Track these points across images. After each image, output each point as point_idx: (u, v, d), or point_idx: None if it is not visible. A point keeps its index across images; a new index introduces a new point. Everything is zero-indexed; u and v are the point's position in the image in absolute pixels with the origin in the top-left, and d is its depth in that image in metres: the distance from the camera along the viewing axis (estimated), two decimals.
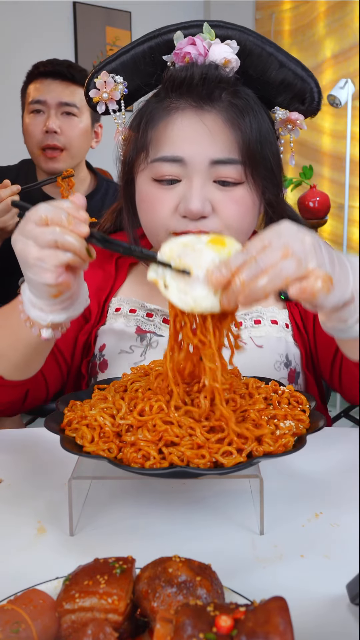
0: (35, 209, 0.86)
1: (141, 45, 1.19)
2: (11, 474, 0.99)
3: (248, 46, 1.16)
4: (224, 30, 1.16)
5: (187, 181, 1.12)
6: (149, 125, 1.15)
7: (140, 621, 0.63)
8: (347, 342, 0.98)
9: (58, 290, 0.88)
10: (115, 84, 1.20)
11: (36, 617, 0.59)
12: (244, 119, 1.13)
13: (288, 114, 1.21)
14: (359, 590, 0.66)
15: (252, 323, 1.23)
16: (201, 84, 1.11)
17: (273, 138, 1.19)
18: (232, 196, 1.12)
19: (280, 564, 0.77)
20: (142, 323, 1.24)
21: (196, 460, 0.78)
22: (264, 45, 1.17)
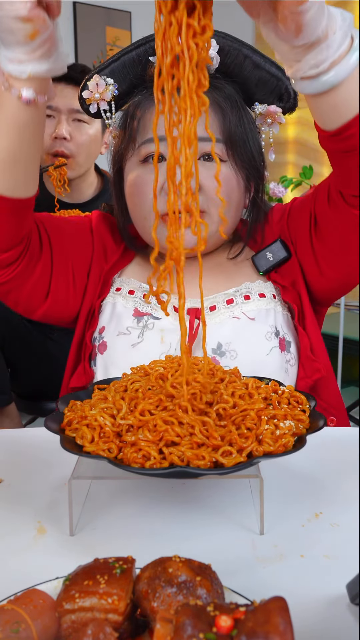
0: None
1: (130, 52, 1.26)
2: (11, 474, 0.99)
3: (226, 48, 1.24)
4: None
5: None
6: (136, 114, 1.24)
7: (140, 621, 0.63)
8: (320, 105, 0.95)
9: (33, 27, 0.87)
10: (106, 86, 1.27)
11: (36, 617, 0.59)
12: (226, 101, 1.21)
13: (267, 107, 1.29)
14: (359, 590, 0.66)
15: (243, 299, 1.27)
16: None
17: (253, 126, 1.28)
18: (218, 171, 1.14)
19: (280, 564, 0.77)
20: (139, 305, 1.27)
21: (196, 461, 0.78)
22: (241, 47, 1.25)
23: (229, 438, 0.81)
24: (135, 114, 1.25)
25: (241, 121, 1.24)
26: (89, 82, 1.28)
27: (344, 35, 0.87)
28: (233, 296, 1.28)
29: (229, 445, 0.81)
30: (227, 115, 1.22)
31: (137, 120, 1.24)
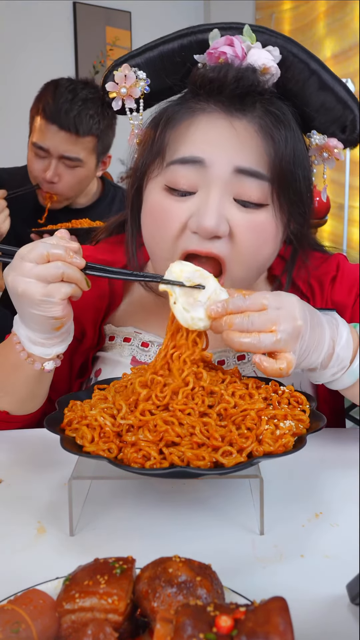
0: (31, 247, 0.89)
1: (171, 42, 1.06)
2: (11, 474, 0.99)
3: (290, 58, 1.04)
4: (266, 37, 1.04)
5: (203, 193, 0.99)
6: (169, 126, 1.02)
7: (140, 621, 0.63)
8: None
9: (61, 322, 0.93)
10: (137, 80, 1.07)
11: (36, 617, 0.59)
12: (279, 130, 1.00)
13: (326, 139, 1.08)
14: (359, 590, 0.66)
15: None
16: (234, 86, 0.98)
17: (307, 162, 1.06)
18: (253, 220, 1.00)
19: (280, 564, 0.77)
20: (137, 353, 1.17)
21: (196, 461, 0.78)
22: (309, 61, 1.04)
23: (229, 438, 0.81)
24: (168, 126, 1.02)
25: (294, 154, 1.02)
26: (115, 71, 1.07)
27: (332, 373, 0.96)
28: (245, 352, 1.11)
29: (229, 445, 0.81)
30: (279, 147, 0.99)
31: (169, 135, 1.02)
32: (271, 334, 0.86)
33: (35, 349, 0.97)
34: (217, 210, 0.97)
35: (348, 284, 1.17)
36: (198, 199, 0.99)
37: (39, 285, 0.88)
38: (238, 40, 1.02)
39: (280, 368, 0.86)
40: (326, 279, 1.17)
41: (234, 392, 0.90)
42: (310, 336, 0.91)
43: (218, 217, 0.97)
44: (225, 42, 1.02)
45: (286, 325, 0.87)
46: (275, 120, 1.00)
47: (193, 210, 0.99)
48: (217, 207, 0.97)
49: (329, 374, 0.96)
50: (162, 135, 1.02)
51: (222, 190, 0.98)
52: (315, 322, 0.93)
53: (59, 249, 0.89)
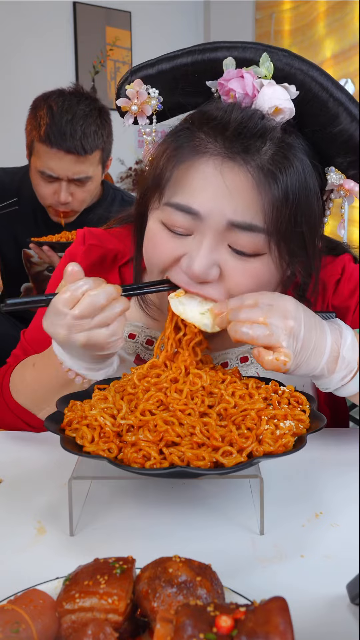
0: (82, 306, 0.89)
1: (184, 57, 1.01)
2: (11, 474, 0.99)
3: (313, 89, 0.96)
4: (287, 62, 0.96)
5: (198, 237, 0.97)
6: (170, 163, 0.98)
7: (140, 621, 0.63)
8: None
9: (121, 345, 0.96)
10: (149, 97, 1.03)
11: (36, 617, 0.59)
12: (279, 183, 0.93)
13: (342, 180, 1.01)
14: (359, 590, 0.66)
15: None
16: (236, 135, 0.93)
17: (316, 205, 1.00)
18: (246, 267, 0.97)
19: (280, 564, 0.77)
20: (141, 351, 1.18)
21: (196, 461, 0.78)
22: (334, 91, 0.96)
23: (229, 438, 0.81)
24: (170, 162, 0.98)
25: (298, 205, 0.95)
26: (128, 85, 1.03)
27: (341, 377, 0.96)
28: (248, 353, 1.15)
29: (229, 445, 0.81)
30: (278, 200, 0.94)
31: (170, 172, 0.98)
32: (263, 325, 0.90)
33: (99, 374, 0.99)
34: (208, 257, 0.96)
35: (350, 287, 1.16)
36: (192, 241, 0.98)
37: (102, 331, 0.90)
38: (250, 75, 0.95)
39: (276, 359, 0.89)
40: (330, 281, 1.16)
41: (234, 392, 0.90)
42: (306, 337, 0.92)
43: (208, 264, 0.96)
44: (237, 75, 0.96)
45: (276, 320, 0.90)
46: (279, 169, 0.94)
47: (187, 250, 0.98)
48: (208, 253, 0.96)
49: (338, 378, 0.96)
50: (164, 168, 0.99)
51: (215, 239, 0.96)
52: (312, 324, 0.93)
53: (109, 292, 0.90)
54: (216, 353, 1.15)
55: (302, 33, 4.86)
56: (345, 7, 4.44)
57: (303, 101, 0.96)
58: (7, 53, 4.19)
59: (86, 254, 1.20)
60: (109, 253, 1.21)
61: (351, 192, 1.02)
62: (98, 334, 0.90)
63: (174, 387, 0.89)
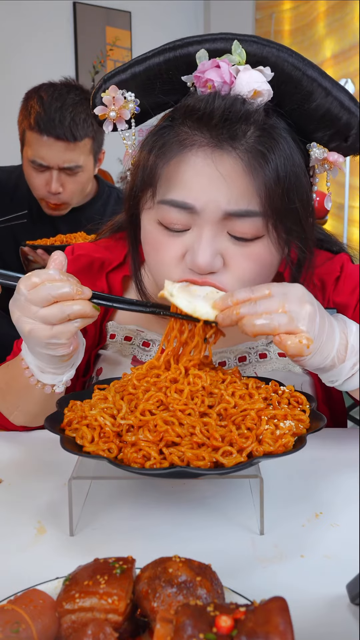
0: (34, 286, 0.88)
1: (156, 57, 1.01)
2: (11, 474, 0.99)
3: (286, 70, 0.98)
4: (257, 47, 0.98)
5: (196, 230, 0.97)
6: (159, 160, 0.98)
7: (140, 621, 0.63)
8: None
9: (70, 355, 0.94)
10: (125, 101, 1.03)
11: (36, 617, 0.59)
12: (269, 163, 0.95)
13: (326, 153, 1.03)
14: (359, 590, 0.66)
15: (258, 357, 1.15)
16: (222, 123, 0.94)
17: (305, 181, 1.01)
18: (247, 252, 0.98)
19: (280, 564, 0.77)
20: (138, 352, 1.17)
21: (196, 461, 0.78)
22: (306, 69, 0.98)
23: (229, 438, 0.81)
24: (159, 159, 0.98)
25: (289, 182, 0.97)
26: (103, 93, 1.03)
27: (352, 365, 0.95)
28: (246, 353, 1.15)
29: (229, 445, 0.81)
30: (269, 178, 0.95)
31: (160, 169, 0.98)
32: (283, 313, 0.87)
33: (45, 377, 0.98)
34: (210, 247, 0.96)
35: (351, 285, 1.16)
36: (191, 236, 0.98)
37: (45, 328, 0.89)
38: (225, 63, 0.96)
39: (300, 341, 0.87)
40: (329, 279, 1.17)
41: (234, 392, 0.90)
42: (321, 323, 0.91)
43: (212, 255, 0.96)
44: (212, 64, 0.97)
45: (294, 306, 0.88)
46: (265, 149, 0.95)
47: (187, 245, 0.98)
48: (210, 244, 0.96)
49: (348, 366, 0.94)
50: (154, 167, 0.99)
51: (214, 230, 0.97)
52: (323, 311, 0.93)
53: (65, 287, 0.88)
54: (214, 352, 1.14)
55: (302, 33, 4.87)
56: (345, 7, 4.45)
57: (278, 82, 0.98)
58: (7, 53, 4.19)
59: (73, 262, 1.21)
60: (96, 261, 1.21)
61: (335, 164, 1.03)
62: (39, 329, 0.89)
63: (174, 387, 0.89)
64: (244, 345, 1.15)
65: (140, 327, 1.19)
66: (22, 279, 0.91)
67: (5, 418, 1.13)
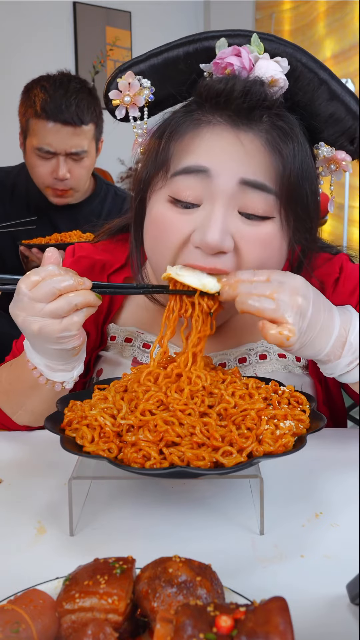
0: (34, 285, 0.88)
1: (176, 49, 1.03)
2: (11, 474, 0.99)
3: (299, 68, 1.01)
4: (275, 45, 1.02)
5: (208, 206, 0.96)
6: (173, 138, 0.99)
7: (140, 621, 0.63)
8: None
9: (80, 347, 0.95)
10: (141, 88, 1.03)
11: (36, 617, 0.59)
12: (287, 144, 0.97)
13: (333, 152, 1.05)
14: (359, 590, 0.66)
15: (258, 358, 1.15)
16: (241, 99, 0.95)
17: (314, 175, 1.03)
18: (258, 233, 0.97)
19: (280, 564, 0.77)
20: (138, 354, 1.16)
21: (196, 461, 0.78)
22: (318, 70, 1.02)
23: (229, 438, 0.81)
24: (172, 138, 0.99)
25: (302, 169, 0.99)
26: (119, 78, 1.04)
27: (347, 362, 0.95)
28: (246, 354, 1.15)
29: (229, 445, 0.81)
30: (286, 161, 0.97)
31: (174, 146, 0.99)
32: (270, 299, 0.89)
33: (56, 375, 0.99)
34: (221, 225, 0.94)
35: (350, 286, 1.16)
36: (202, 212, 0.97)
37: (54, 323, 0.89)
38: (246, 50, 0.99)
39: (280, 332, 0.88)
40: (329, 280, 1.16)
41: (234, 392, 0.90)
42: (314, 317, 0.90)
43: (222, 232, 0.94)
44: (233, 52, 0.99)
45: (284, 296, 0.89)
46: (282, 134, 0.97)
47: (197, 224, 0.97)
48: (221, 221, 0.95)
49: (344, 363, 0.94)
50: (166, 147, 0.99)
51: (226, 204, 0.95)
52: (321, 306, 0.93)
53: (67, 280, 0.89)
54: (215, 353, 1.14)
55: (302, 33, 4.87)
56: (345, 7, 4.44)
57: (290, 79, 1.01)
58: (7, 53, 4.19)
59: (74, 264, 1.21)
60: (97, 263, 1.21)
61: (341, 164, 1.05)
62: (50, 325, 0.89)
63: (174, 387, 0.89)
64: (244, 347, 1.15)
65: (141, 329, 1.19)
66: (21, 279, 0.91)
67: (8, 418, 1.13)
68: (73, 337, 0.91)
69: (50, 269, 0.90)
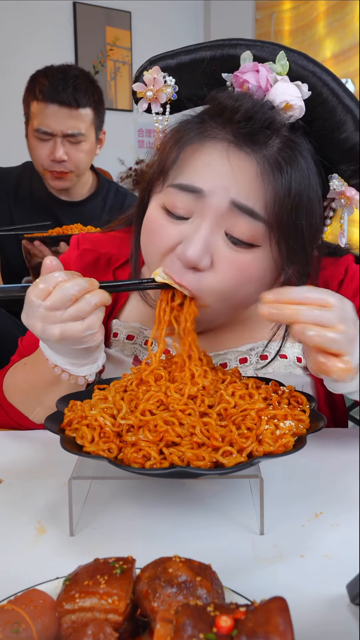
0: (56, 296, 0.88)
1: (204, 51, 1.03)
2: (11, 474, 0.99)
3: (324, 94, 0.98)
4: (303, 64, 0.98)
5: (196, 221, 0.97)
6: (176, 146, 0.99)
7: (140, 621, 0.63)
8: None
9: (102, 341, 0.96)
10: (165, 85, 1.03)
11: (36, 617, 0.59)
12: (284, 175, 0.94)
13: (344, 187, 1.02)
14: (359, 590, 0.66)
15: (258, 359, 1.14)
16: (243, 122, 0.94)
17: (317, 207, 1.00)
18: (239, 258, 0.96)
19: (280, 564, 0.77)
20: (139, 352, 1.17)
21: (196, 461, 0.78)
22: (344, 98, 0.97)
23: (229, 438, 0.81)
24: (176, 146, 0.99)
25: (299, 202, 0.96)
26: (146, 71, 1.04)
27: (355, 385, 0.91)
28: (247, 354, 1.14)
29: (229, 445, 0.81)
30: (279, 193, 0.94)
31: (175, 156, 0.99)
32: (339, 332, 0.84)
33: (81, 370, 0.99)
34: (203, 242, 0.95)
35: (353, 288, 1.15)
36: (190, 226, 0.97)
37: (77, 324, 0.89)
38: (265, 69, 0.97)
39: (341, 368, 0.84)
40: (333, 282, 1.16)
41: (234, 392, 0.90)
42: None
43: (202, 250, 0.95)
44: (253, 68, 0.98)
45: (348, 327, 0.85)
46: (284, 162, 0.95)
47: (183, 235, 0.97)
48: (204, 239, 0.95)
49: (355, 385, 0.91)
50: (170, 153, 1.00)
51: (214, 222, 0.95)
52: None
53: (80, 284, 0.89)
54: (215, 354, 1.14)
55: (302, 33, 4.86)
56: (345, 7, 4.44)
57: (313, 104, 0.98)
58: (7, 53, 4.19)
59: (79, 258, 1.21)
60: (103, 256, 1.21)
61: (351, 201, 1.03)
62: (72, 327, 0.89)
63: (174, 387, 0.89)
64: (245, 347, 1.15)
65: (144, 325, 1.19)
66: (29, 290, 0.90)
67: (23, 417, 1.13)
68: (96, 334, 0.92)
69: (56, 275, 0.90)
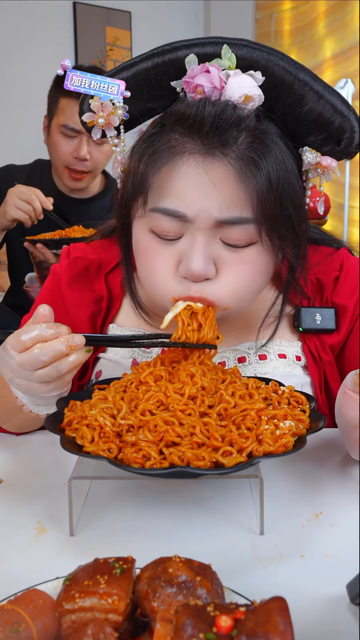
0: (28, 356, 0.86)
1: (145, 62, 1.00)
2: (11, 474, 0.99)
3: (277, 74, 0.96)
4: (247, 51, 0.97)
5: (189, 237, 0.97)
6: (150, 168, 0.97)
7: (140, 621, 0.63)
8: None
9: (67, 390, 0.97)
10: (114, 108, 1.00)
11: (36, 617, 0.59)
12: (261, 170, 0.94)
13: (318, 158, 1.03)
14: (359, 590, 0.66)
15: (257, 358, 1.14)
16: (213, 130, 0.93)
17: (298, 186, 1.00)
18: (242, 257, 0.97)
19: (280, 564, 0.77)
20: (138, 355, 1.16)
21: (196, 461, 0.78)
22: (297, 72, 0.97)
23: (229, 438, 0.81)
24: (149, 166, 0.97)
25: (281, 187, 0.95)
26: (91, 99, 1.01)
27: None
28: (246, 353, 1.14)
29: (229, 445, 0.81)
30: (261, 185, 0.94)
31: (151, 176, 0.97)
32: None
33: (40, 408, 1.00)
34: (203, 253, 0.95)
35: (351, 285, 1.15)
36: (184, 242, 0.97)
37: (42, 385, 0.90)
38: (215, 67, 0.94)
39: None
40: (328, 278, 1.15)
41: (234, 392, 0.90)
42: None
43: (205, 260, 0.95)
44: (202, 69, 0.95)
45: None
46: (259, 157, 0.94)
47: (181, 253, 0.97)
48: (203, 249, 0.95)
49: None
50: (144, 175, 0.98)
51: (207, 236, 0.96)
52: None
53: (56, 346, 0.86)
54: None
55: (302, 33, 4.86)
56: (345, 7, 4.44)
57: (269, 86, 0.97)
58: (7, 53, 4.18)
59: (70, 266, 1.20)
60: (93, 263, 1.20)
61: (328, 169, 1.02)
62: (37, 388, 0.90)
63: (174, 387, 0.89)
64: (244, 346, 1.15)
65: (141, 328, 1.18)
66: (9, 338, 0.88)
67: None
68: (66, 385, 0.93)
69: (40, 330, 0.87)
